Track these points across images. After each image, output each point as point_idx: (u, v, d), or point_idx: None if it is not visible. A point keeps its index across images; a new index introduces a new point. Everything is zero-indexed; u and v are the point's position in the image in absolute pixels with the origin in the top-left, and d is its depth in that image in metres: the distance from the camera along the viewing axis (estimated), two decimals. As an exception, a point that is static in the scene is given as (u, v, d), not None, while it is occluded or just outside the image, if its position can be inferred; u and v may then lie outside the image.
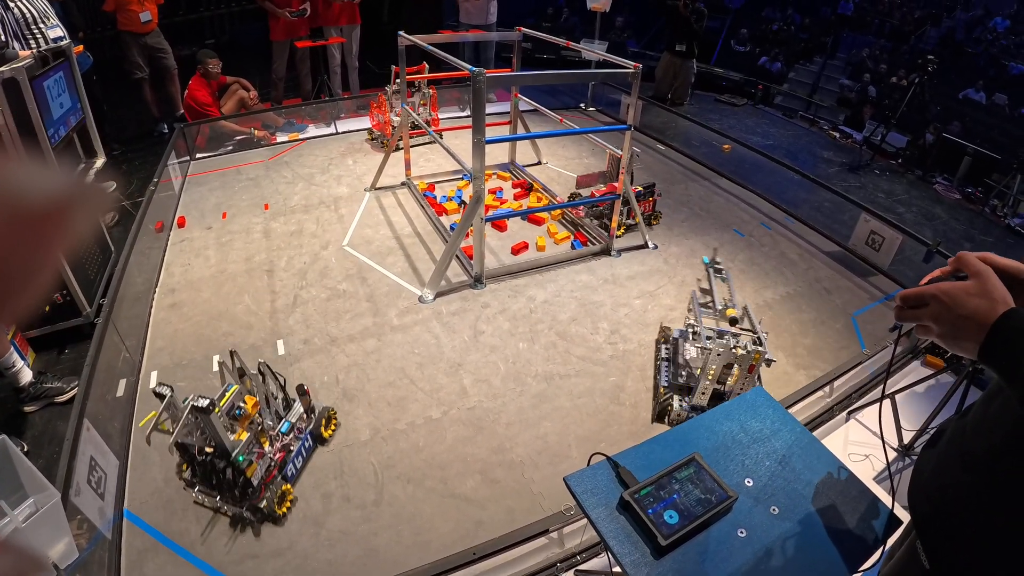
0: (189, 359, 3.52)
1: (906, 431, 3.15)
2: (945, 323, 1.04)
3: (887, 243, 4.58)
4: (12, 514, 2.13)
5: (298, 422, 2.86)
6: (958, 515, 1.16)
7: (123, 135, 6.97)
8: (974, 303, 1.00)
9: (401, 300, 4.07)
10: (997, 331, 0.97)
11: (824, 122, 9.48)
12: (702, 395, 3.06)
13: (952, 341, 1.04)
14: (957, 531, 1.17)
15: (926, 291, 1.06)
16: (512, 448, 3.00)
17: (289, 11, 7.00)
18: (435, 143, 5.89)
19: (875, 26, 13.41)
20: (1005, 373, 0.97)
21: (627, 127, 4.27)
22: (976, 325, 0.99)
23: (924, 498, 1.26)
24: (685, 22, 8.38)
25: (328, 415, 3.01)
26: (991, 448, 1.11)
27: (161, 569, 2.43)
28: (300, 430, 2.86)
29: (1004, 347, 0.97)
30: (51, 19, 4.60)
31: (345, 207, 5.30)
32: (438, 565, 2.31)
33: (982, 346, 0.98)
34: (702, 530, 1.47)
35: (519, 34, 5.57)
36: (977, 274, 1.03)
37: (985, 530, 1.11)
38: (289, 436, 2.79)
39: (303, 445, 2.84)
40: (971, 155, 7.39)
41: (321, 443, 2.99)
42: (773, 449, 1.71)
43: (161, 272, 4.35)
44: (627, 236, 4.92)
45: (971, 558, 1.14)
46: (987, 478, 1.11)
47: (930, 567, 1.22)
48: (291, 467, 2.75)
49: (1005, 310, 0.98)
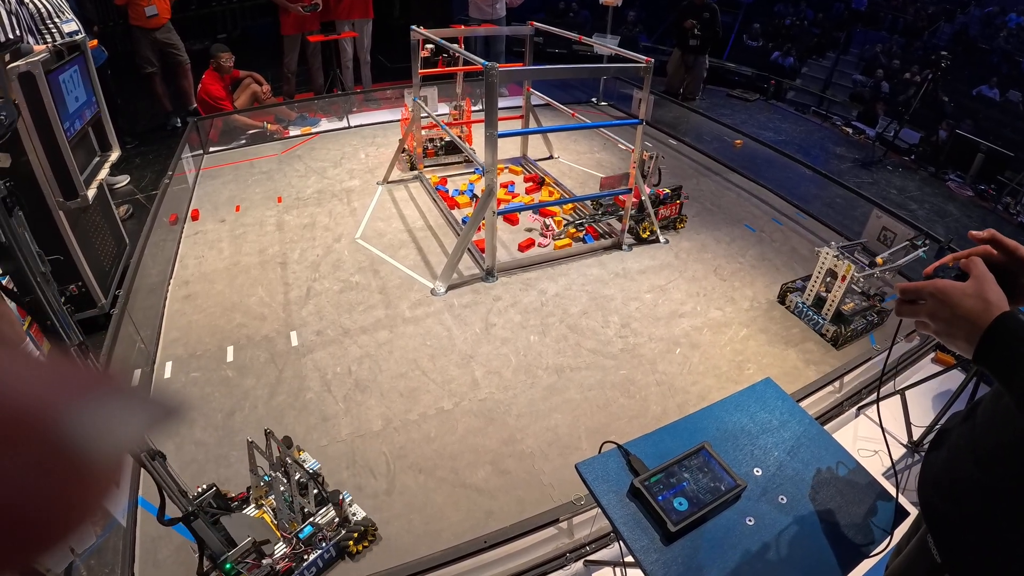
0: (203, 350, 3.56)
1: (916, 427, 3.16)
2: (940, 321, 1.05)
3: (899, 239, 4.56)
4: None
5: (326, 528, 2.42)
6: (971, 510, 1.17)
7: (137, 128, 7.02)
8: (969, 303, 1.01)
9: (413, 292, 4.10)
10: (991, 334, 0.98)
11: (837, 118, 9.42)
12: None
13: (947, 339, 1.05)
14: (970, 526, 1.17)
15: (923, 287, 1.07)
16: (522, 439, 3.03)
17: (302, 5, 7.02)
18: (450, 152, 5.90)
19: (888, 22, 13.31)
20: (1001, 376, 0.98)
21: (638, 122, 4.27)
22: (970, 326, 1.00)
23: (935, 493, 1.26)
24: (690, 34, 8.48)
25: (367, 529, 2.47)
26: (1003, 444, 1.12)
27: (174, 555, 2.46)
28: (325, 538, 2.38)
29: (999, 350, 0.98)
30: (66, 13, 4.65)
31: (357, 200, 5.33)
32: (448, 553, 2.34)
33: (976, 348, 0.99)
34: (711, 518, 1.49)
35: (531, 28, 5.58)
36: (977, 277, 1.04)
37: (998, 525, 1.12)
38: (309, 544, 2.36)
39: (320, 556, 2.35)
40: (984, 152, 7.33)
41: (346, 557, 2.45)
42: (782, 440, 1.72)
43: (175, 264, 4.39)
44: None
45: (984, 553, 1.15)
46: (999, 473, 1.12)
47: (942, 561, 1.23)
48: (297, 584, 2.27)
49: (999, 313, 0.99)
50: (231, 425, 3.06)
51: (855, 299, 3.88)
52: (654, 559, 1.38)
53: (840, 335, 3.72)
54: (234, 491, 2.56)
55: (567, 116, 5.34)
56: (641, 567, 1.37)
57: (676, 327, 3.87)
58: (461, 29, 6.44)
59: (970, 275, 1.05)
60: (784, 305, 4.07)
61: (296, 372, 3.41)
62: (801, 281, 4.12)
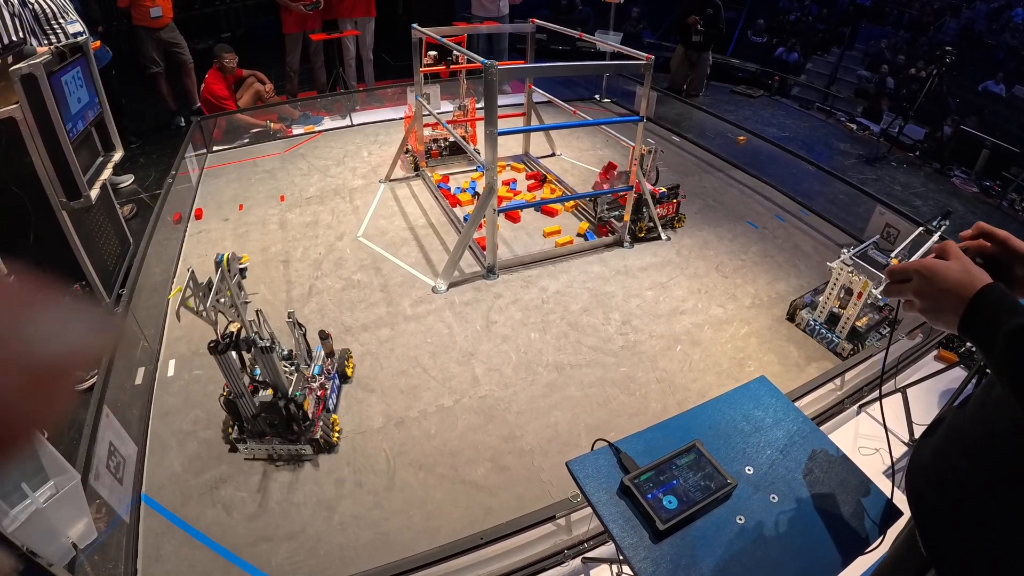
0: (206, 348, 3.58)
1: (917, 425, 3.15)
2: (927, 297, 1.08)
3: (902, 236, 4.55)
4: (33, 495, 2.19)
5: (326, 364, 3.20)
6: (957, 501, 1.17)
7: (141, 128, 7.05)
8: (955, 276, 1.04)
9: (415, 290, 4.11)
10: (977, 303, 1.00)
11: (841, 114, 9.38)
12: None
13: (934, 315, 1.08)
14: (955, 517, 1.17)
15: (909, 266, 1.11)
16: (522, 436, 3.04)
17: (303, 4, 7.04)
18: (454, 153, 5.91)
19: (893, 17, 13.22)
20: (983, 345, 1.00)
21: (639, 119, 4.27)
22: (956, 298, 1.03)
23: (923, 484, 1.27)
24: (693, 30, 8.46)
25: (346, 356, 3.37)
26: (991, 434, 1.13)
27: (177, 551, 2.49)
28: (328, 371, 3.18)
29: (983, 320, 1.00)
30: (70, 14, 4.67)
31: (360, 198, 5.35)
32: (446, 549, 2.35)
33: (961, 318, 1.02)
34: (701, 516, 1.50)
35: (532, 26, 5.58)
36: (956, 257, 1.08)
37: (983, 516, 1.12)
38: (321, 377, 3.10)
39: (334, 383, 3.19)
40: (989, 148, 7.29)
41: (345, 381, 3.34)
42: (775, 438, 1.73)
43: (179, 263, 4.42)
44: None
45: (969, 545, 1.15)
46: (987, 464, 1.13)
47: (927, 554, 1.23)
48: (331, 401, 3.11)
49: (984, 284, 1.01)
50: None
51: (867, 311, 3.79)
52: (643, 557, 1.39)
53: (857, 353, 3.65)
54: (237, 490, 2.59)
55: (569, 113, 5.34)
56: (630, 565, 1.38)
57: (677, 324, 3.87)
58: (464, 27, 6.44)
59: (948, 257, 1.09)
60: (794, 323, 3.96)
61: (298, 370, 3.43)
62: (811, 296, 4.02)
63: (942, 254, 1.10)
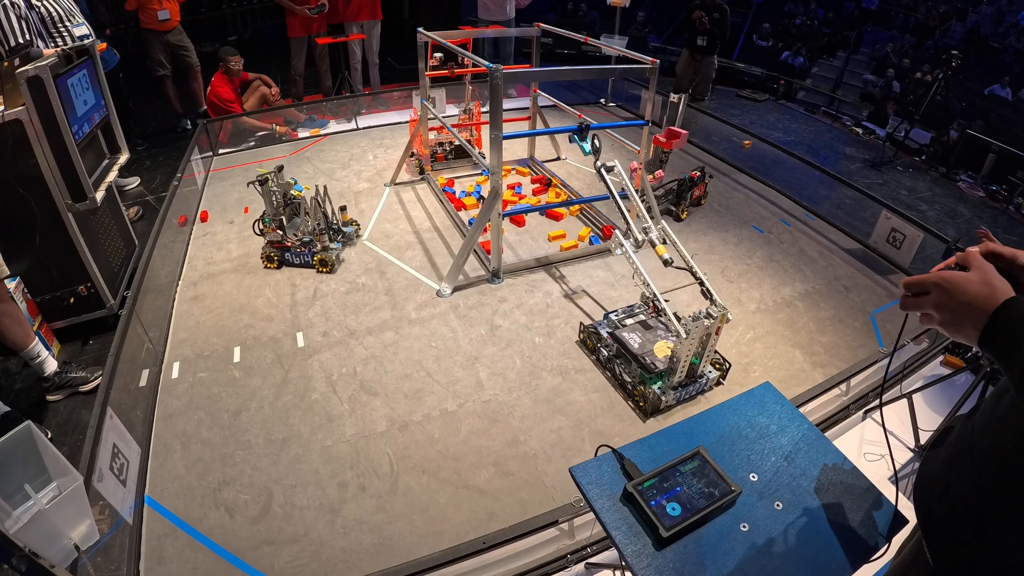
0: (211, 350, 3.59)
1: (923, 431, 3.13)
2: (946, 310, 1.06)
3: (908, 241, 4.54)
4: (36, 497, 2.20)
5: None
6: (965, 513, 1.16)
7: (147, 130, 7.09)
8: (975, 289, 1.02)
9: (419, 294, 4.11)
10: (998, 317, 0.99)
11: (847, 118, 9.35)
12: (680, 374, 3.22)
13: (953, 328, 1.06)
14: (964, 529, 1.16)
15: (928, 278, 1.08)
16: (526, 441, 3.03)
17: (308, 8, 7.06)
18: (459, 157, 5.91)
19: (899, 20, 13.20)
20: (1004, 359, 0.99)
21: (644, 123, 4.26)
22: (977, 311, 1.01)
23: (931, 497, 1.25)
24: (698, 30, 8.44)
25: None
26: (999, 445, 1.11)
27: (180, 554, 2.49)
28: (326, 228, 4.38)
29: (1004, 333, 0.98)
30: (76, 17, 4.70)
31: (365, 202, 5.35)
32: (449, 553, 2.35)
33: (982, 332, 1.00)
34: (704, 523, 1.49)
35: (538, 30, 5.58)
36: (979, 267, 1.06)
37: (991, 528, 1.11)
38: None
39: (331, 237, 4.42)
40: (996, 152, 7.27)
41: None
42: (779, 445, 1.72)
43: (184, 265, 4.43)
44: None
45: (977, 556, 1.14)
46: (994, 475, 1.11)
47: (935, 565, 1.22)
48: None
49: (1006, 298, 1.00)
50: (237, 425, 3.08)
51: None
52: (645, 564, 1.38)
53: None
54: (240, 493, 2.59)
55: (574, 117, 5.34)
56: (632, 572, 1.37)
57: (681, 329, 3.85)
58: (470, 30, 6.45)
59: (970, 267, 1.06)
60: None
61: (302, 373, 3.43)
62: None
63: (963, 263, 1.08)
